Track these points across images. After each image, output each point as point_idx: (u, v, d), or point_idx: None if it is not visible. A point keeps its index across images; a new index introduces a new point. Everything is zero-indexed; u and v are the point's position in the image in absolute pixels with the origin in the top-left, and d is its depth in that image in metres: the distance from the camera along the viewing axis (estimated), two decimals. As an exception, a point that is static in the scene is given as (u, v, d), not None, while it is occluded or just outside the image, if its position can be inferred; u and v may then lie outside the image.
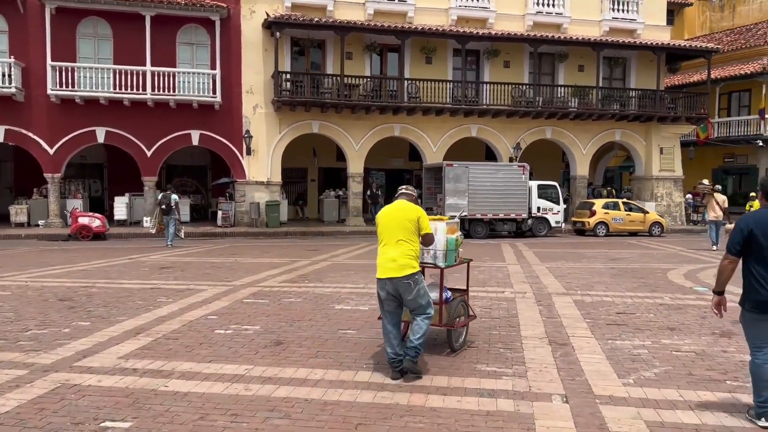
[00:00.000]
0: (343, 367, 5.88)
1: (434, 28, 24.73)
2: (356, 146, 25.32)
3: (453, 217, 7.32)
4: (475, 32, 24.84)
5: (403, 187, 5.93)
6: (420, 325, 5.59)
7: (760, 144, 31.11)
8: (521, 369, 5.83)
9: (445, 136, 26.13)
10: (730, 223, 20.57)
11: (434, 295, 6.10)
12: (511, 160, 25.88)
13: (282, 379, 5.49)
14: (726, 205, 18.44)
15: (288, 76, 23.92)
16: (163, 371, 5.70)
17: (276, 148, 24.60)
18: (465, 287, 7.04)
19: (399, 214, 5.62)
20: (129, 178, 24.43)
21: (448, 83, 25.28)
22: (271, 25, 23.27)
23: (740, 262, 4.67)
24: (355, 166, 25.38)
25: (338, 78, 23.91)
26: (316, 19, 23.46)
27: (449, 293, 6.48)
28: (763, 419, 4.54)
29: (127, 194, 24.33)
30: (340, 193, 27.32)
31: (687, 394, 5.21)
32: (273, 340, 6.88)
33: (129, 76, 22.48)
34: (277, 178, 24.75)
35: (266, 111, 24.38)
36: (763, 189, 4.80)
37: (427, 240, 5.74)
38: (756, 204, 22.95)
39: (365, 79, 24.69)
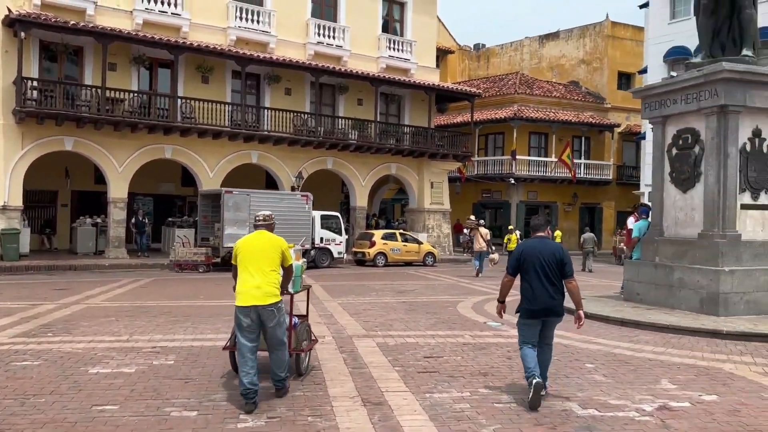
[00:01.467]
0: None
1: (211, 47, 23.12)
2: (119, 168, 22.40)
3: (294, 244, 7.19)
4: (255, 55, 23.77)
5: (260, 216, 5.99)
6: (280, 358, 5.84)
7: (512, 182, 34.56)
8: (340, 444, 4.76)
9: (224, 161, 24.44)
10: (493, 253, 22.37)
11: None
12: (293, 189, 25.08)
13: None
14: (489, 237, 20.39)
15: (35, 83, 20.36)
16: None
17: (16, 167, 20.67)
18: (305, 313, 7.34)
19: (264, 243, 5.80)
20: None
21: (226, 105, 23.75)
22: (15, 23, 19.67)
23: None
24: (118, 190, 22.41)
25: (99, 90, 20.99)
26: (72, 22, 20.39)
27: (296, 318, 6.80)
28: (531, 380, 5.78)
29: None
30: (99, 220, 23.93)
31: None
32: (-5, 430, 4.91)
33: None
34: (17, 201, 20.79)
35: (4, 122, 20.43)
36: (531, 226, 6.37)
37: (289, 271, 6.07)
38: (513, 236, 25.01)
39: (132, 94, 22.05)
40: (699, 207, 10.66)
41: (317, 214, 22.82)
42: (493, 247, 22.38)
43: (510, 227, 27.65)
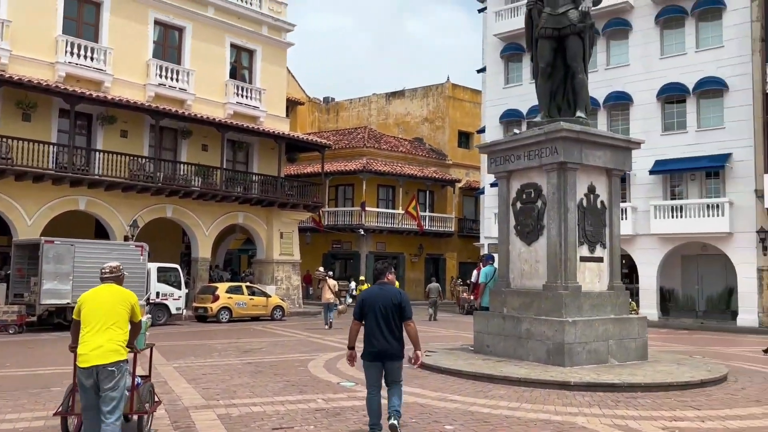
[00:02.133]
0: None
1: (35, 81, 20.87)
2: None
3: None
4: (87, 93, 21.83)
5: (107, 267, 5.63)
6: (112, 429, 5.19)
7: (362, 233, 34.72)
8: None
9: (45, 207, 21.84)
10: (341, 305, 22.19)
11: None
12: (126, 239, 22.96)
13: None
14: (337, 289, 20.82)
15: None
16: None
17: None
18: (147, 373, 6.96)
19: (110, 297, 5.46)
20: None
21: (51, 146, 21.42)
22: None
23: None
24: None
25: None
26: None
27: (139, 378, 6.45)
28: None
29: None
30: None
31: None
32: None
33: None
34: None
35: None
36: (374, 274, 6.79)
37: (138, 327, 5.70)
38: (364, 287, 25.00)
39: (-68, 129, 19.13)
40: (543, 259, 11.02)
41: (153, 267, 21.02)
42: (342, 299, 22.31)
43: (361, 278, 27.60)
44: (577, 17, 11.25)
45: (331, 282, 20.53)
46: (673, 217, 25.28)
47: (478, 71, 33.97)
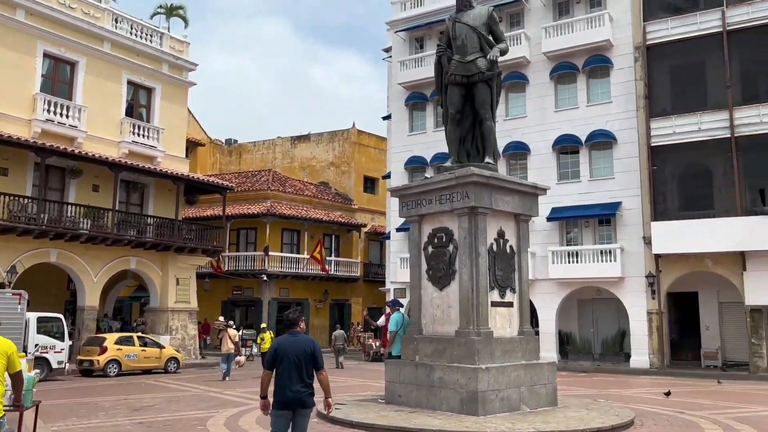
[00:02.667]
0: None
1: None
2: None
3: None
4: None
5: None
6: None
7: (265, 278, 33.61)
8: None
9: None
10: (242, 355, 21.23)
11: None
12: (2, 286, 20.82)
13: None
14: (237, 339, 19.85)
15: None
16: None
17: None
18: None
19: None
20: None
21: None
22: None
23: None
24: None
25: None
26: None
27: None
28: None
29: None
30: None
31: None
32: None
33: None
34: None
35: None
36: (285, 321, 6.79)
37: (18, 379, 5.19)
38: (267, 335, 23.98)
39: None
40: (455, 304, 10.85)
41: (33, 316, 19.12)
42: (243, 350, 21.51)
43: (263, 326, 26.44)
44: (486, 65, 11.49)
45: (232, 332, 19.96)
46: (569, 262, 26.27)
47: (384, 118, 34.43)
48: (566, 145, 27.51)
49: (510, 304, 11.27)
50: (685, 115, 24.59)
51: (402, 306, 13.59)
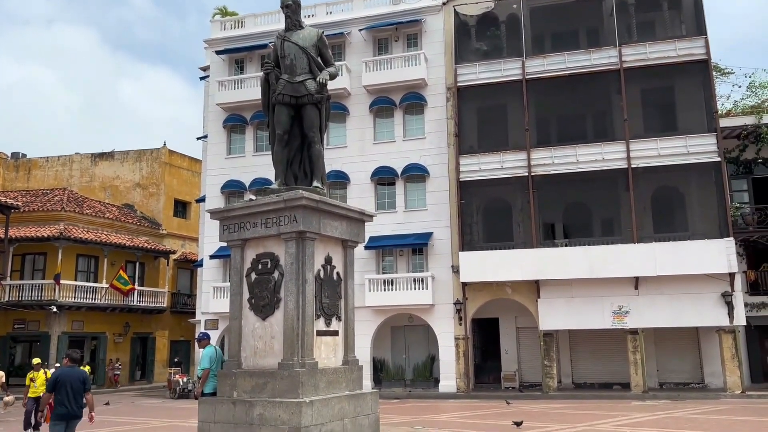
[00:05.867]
0: None
1: None
2: None
3: None
4: None
5: None
6: None
7: (54, 310, 29.85)
8: None
9: None
10: (8, 396, 19.22)
11: None
12: None
13: None
14: (3, 380, 19.03)
15: None
16: None
17: None
18: None
19: None
20: None
21: None
22: None
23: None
24: None
25: None
26: None
27: None
28: None
29: None
30: None
31: None
32: None
33: None
34: None
35: None
36: (70, 358, 9.86)
37: None
38: (38, 374, 19.29)
39: None
40: (279, 335, 10.21)
41: None
42: (7, 390, 19.87)
43: (35, 361, 18.55)
44: (315, 88, 11.19)
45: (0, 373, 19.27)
46: (384, 290, 26.82)
47: (199, 138, 32.81)
48: (384, 177, 28.33)
49: (336, 333, 10.90)
50: (489, 153, 26.61)
51: (209, 338, 12.59)
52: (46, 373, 16.39)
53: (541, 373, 25.58)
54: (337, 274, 11.16)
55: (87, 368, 22.89)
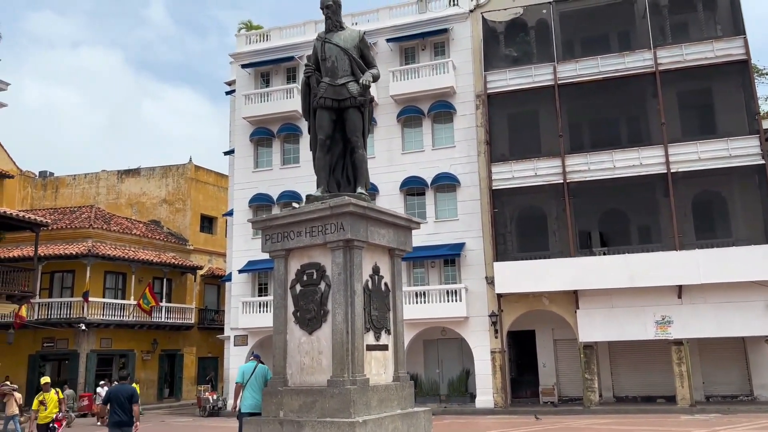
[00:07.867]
0: None
1: None
2: None
3: None
4: None
5: None
6: None
7: (83, 328, 29.61)
8: None
9: None
10: (25, 415, 19.34)
11: None
12: None
13: None
14: (22, 402, 19.06)
15: None
16: None
17: None
18: None
19: None
20: None
21: None
22: None
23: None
24: None
25: None
26: None
27: None
28: None
29: None
30: None
31: None
32: None
33: None
34: None
35: None
36: (120, 376, 11.69)
37: None
38: (49, 395, 17.19)
39: None
40: (327, 350, 9.63)
41: None
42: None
43: (44, 381, 15.89)
44: (358, 90, 10.68)
45: (18, 395, 18.72)
46: (416, 302, 26.16)
47: (226, 153, 32.56)
48: (413, 187, 27.79)
49: (385, 347, 10.29)
50: (522, 160, 25.95)
51: (257, 357, 11.87)
52: (58, 393, 15.47)
53: (580, 386, 24.69)
54: (385, 284, 10.55)
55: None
